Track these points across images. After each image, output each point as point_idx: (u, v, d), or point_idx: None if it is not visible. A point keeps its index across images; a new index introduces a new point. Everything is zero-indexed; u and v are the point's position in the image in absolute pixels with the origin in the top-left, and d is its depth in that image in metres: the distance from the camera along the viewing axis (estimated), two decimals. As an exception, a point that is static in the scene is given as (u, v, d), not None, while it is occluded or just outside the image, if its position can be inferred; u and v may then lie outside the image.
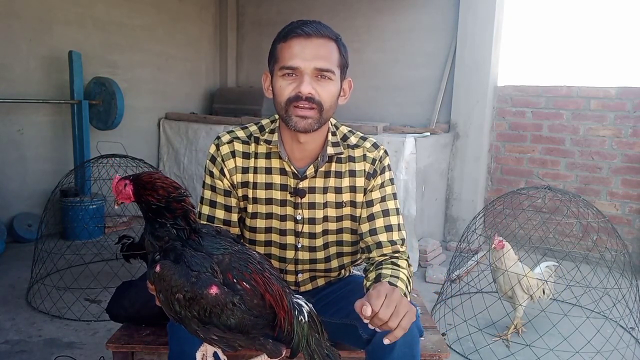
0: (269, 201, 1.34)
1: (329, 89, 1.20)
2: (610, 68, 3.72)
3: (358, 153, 1.34)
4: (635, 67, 3.63)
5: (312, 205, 1.33)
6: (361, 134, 1.39)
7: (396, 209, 1.35)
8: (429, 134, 3.83)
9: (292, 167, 1.30)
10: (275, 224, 1.35)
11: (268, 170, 1.32)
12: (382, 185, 1.34)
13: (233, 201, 1.34)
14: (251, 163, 1.32)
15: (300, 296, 1.09)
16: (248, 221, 1.36)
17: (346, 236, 1.38)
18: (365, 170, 1.33)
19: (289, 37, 1.18)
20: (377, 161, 1.34)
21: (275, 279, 1.04)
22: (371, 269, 1.28)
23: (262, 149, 1.32)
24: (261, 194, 1.33)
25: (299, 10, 4.87)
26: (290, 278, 1.42)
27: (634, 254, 3.51)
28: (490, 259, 2.50)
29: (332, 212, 1.35)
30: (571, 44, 3.88)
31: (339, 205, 1.34)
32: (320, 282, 1.46)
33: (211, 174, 1.34)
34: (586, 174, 3.75)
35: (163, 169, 4.73)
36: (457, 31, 4.04)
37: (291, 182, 1.32)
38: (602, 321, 2.53)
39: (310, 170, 1.31)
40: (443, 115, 4.21)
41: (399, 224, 1.33)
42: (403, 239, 1.33)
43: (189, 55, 5.10)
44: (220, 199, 1.34)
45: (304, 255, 1.38)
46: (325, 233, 1.37)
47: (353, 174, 1.33)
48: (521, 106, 3.93)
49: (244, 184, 1.33)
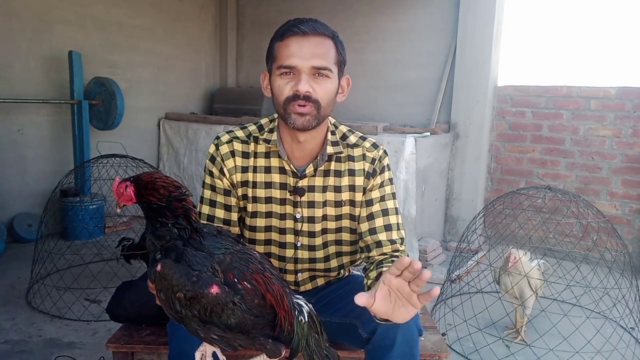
0: (268, 200, 1.34)
1: (326, 87, 1.21)
2: (610, 68, 3.72)
3: (357, 152, 1.34)
4: (635, 67, 3.63)
5: (312, 204, 1.33)
6: (360, 134, 1.39)
7: (395, 209, 1.35)
8: (429, 134, 3.83)
9: (292, 166, 1.31)
10: (274, 222, 1.35)
11: (267, 169, 1.33)
12: (382, 185, 1.34)
13: (233, 200, 1.34)
14: (250, 162, 1.33)
15: (300, 296, 1.09)
16: (248, 220, 1.36)
17: (345, 235, 1.38)
18: (364, 169, 1.34)
19: (286, 36, 1.19)
20: (377, 161, 1.34)
21: (275, 278, 1.04)
22: (371, 268, 1.27)
23: (262, 148, 1.33)
24: (261, 193, 1.34)
25: (299, 10, 4.87)
26: (289, 277, 1.42)
27: (634, 254, 3.51)
28: (502, 266, 2.46)
29: (332, 211, 1.35)
30: (571, 44, 3.88)
31: (338, 204, 1.34)
32: (320, 282, 1.46)
33: (211, 174, 1.34)
34: (586, 174, 3.75)
35: (163, 169, 4.73)
36: (457, 31, 4.04)
37: (290, 181, 1.32)
38: (602, 321, 2.53)
39: (310, 169, 1.31)
40: (443, 115, 4.21)
41: (398, 223, 1.34)
42: (402, 238, 1.33)
43: (189, 55, 5.10)
44: (220, 199, 1.34)
45: (303, 254, 1.38)
46: (324, 232, 1.37)
47: (352, 173, 1.34)
48: (521, 106, 3.93)
49: (244, 183, 1.33)
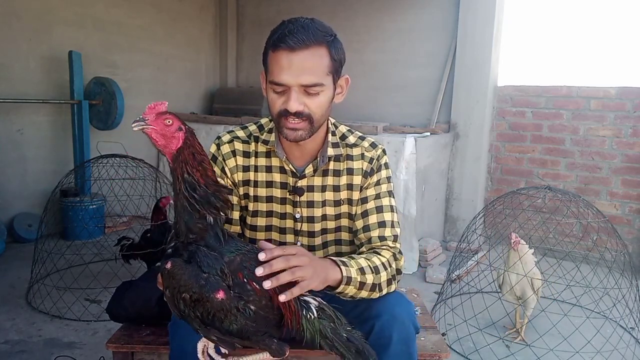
0: (269, 199, 1.35)
1: (318, 101, 1.19)
2: (610, 68, 3.72)
3: (356, 152, 1.35)
4: (635, 67, 3.63)
5: (311, 204, 1.34)
6: (360, 134, 1.39)
7: (391, 206, 1.34)
8: (429, 134, 3.83)
9: (291, 166, 1.31)
10: (275, 222, 1.36)
11: (268, 169, 1.34)
12: (378, 183, 1.34)
13: (234, 199, 1.34)
14: (252, 161, 1.33)
15: (307, 293, 1.07)
16: (249, 219, 1.37)
17: (344, 235, 1.38)
18: (362, 168, 1.34)
19: (277, 49, 1.16)
20: (375, 160, 1.34)
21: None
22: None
23: (262, 147, 1.34)
24: (262, 192, 1.34)
25: (298, 10, 4.87)
26: None
27: (634, 254, 3.51)
28: (505, 261, 2.46)
29: (331, 211, 1.35)
30: (571, 44, 3.88)
31: (337, 203, 1.35)
32: None
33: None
34: (586, 174, 3.75)
35: (163, 169, 4.72)
36: (457, 31, 4.04)
37: (290, 181, 1.33)
38: (602, 321, 2.53)
39: (309, 169, 1.32)
40: (443, 115, 4.21)
41: (392, 221, 1.32)
42: (395, 236, 1.32)
43: (189, 55, 5.10)
44: None
45: None
46: (324, 232, 1.37)
47: (351, 172, 1.34)
48: (521, 106, 3.93)
49: (245, 182, 1.34)
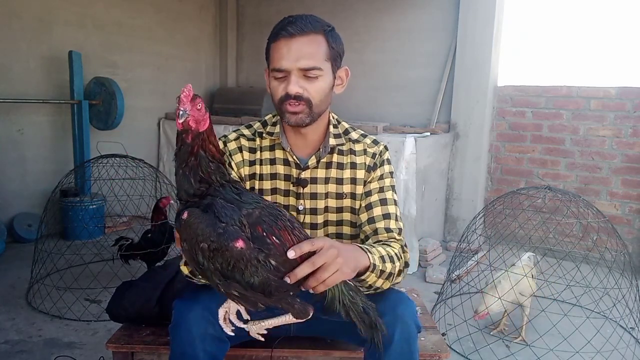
0: (273, 191, 1.37)
1: (317, 85, 1.24)
2: (610, 68, 3.72)
3: (359, 147, 1.38)
4: (635, 67, 3.63)
5: (314, 196, 1.36)
6: (362, 132, 1.43)
7: (394, 200, 1.37)
8: (429, 134, 3.83)
9: (295, 157, 1.34)
10: None
11: (272, 161, 1.36)
12: (381, 177, 1.37)
13: None
14: (257, 156, 1.37)
15: None
16: None
17: (346, 229, 1.40)
18: (366, 163, 1.37)
19: (277, 38, 1.24)
20: (377, 155, 1.38)
21: (305, 237, 1.03)
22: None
23: (266, 142, 1.37)
24: (267, 185, 1.37)
25: (298, 11, 4.82)
26: None
27: (634, 254, 3.51)
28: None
29: (333, 203, 1.37)
30: (571, 44, 3.88)
31: (340, 196, 1.37)
32: None
33: None
34: (586, 174, 3.75)
35: (163, 169, 4.73)
36: (457, 31, 4.04)
37: (294, 172, 1.35)
38: (602, 321, 2.53)
39: (312, 160, 1.34)
40: (443, 115, 4.21)
41: (396, 214, 1.35)
42: (400, 229, 1.35)
43: (189, 55, 5.10)
44: None
45: None
46: (326, 224, 1.39)
47: (354, 166, 1.37)
48: (521, 106, 3.93)
49: (252, 176, 1.37)
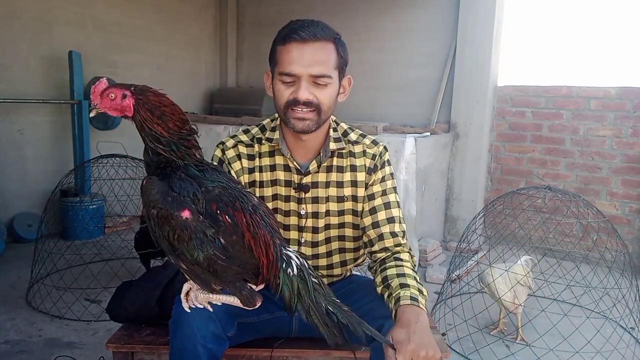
0: (274, 197, 1.36)
1: (326, 92, 1.23)
2: (610, 68, 3.72)
3: (358, 149, 1.37)
4: (635, 67, 3.63)
5: (315, 200, 1.35)
6: (360, 132, 1.42)
7: (397, 202, 1.37)
8: (429, 134, 3.83)
9: (295, 163, 1.33)
10: (279, 219, 1.37)
11: (272, 168, 1.35)
12: (383, 180, 1.37)
13: None
14: (256, 163, 1.35)
15: (295, 250, 1.05)
16: None
17: (348, 231, 1.40)
18: (365, 165, 1.36)
19: (287, 41, 1.20)
20: (377, 156, 1.37)
21: (266, 226, 1.00)
22: (375, 268, 1.30)
23: (265, 147, 1.35)
24: (267, 192, 1.36)
25: (298, 11, 4.87)
26: None
27: (634, 254, 3.51)
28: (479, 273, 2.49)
29: (334, 207, 1.37)
30: (571, 44, 3.88)
31: (341, 199, 1.36)
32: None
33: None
34: (586, 174, 3.75)
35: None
36: (457, 31, 4.04)
37: (295, 178, 1.34)
38: (602, 321, 2.53)
39: (313, 165, 1.33)
40: (443, 115, 4.21)
41: (400, 217, 1.36)
42: (404, 231, 1.35)
43: (188, 55, 5.10)
44: None
45: (306, 251, 1.40)
46: (327, 227, 1.38)
47: (354, 168, 1.36)
48: (521, 106, 3.93)
49: (251, 184, 1.36)
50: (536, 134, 3.90)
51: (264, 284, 1.02)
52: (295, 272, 1.00)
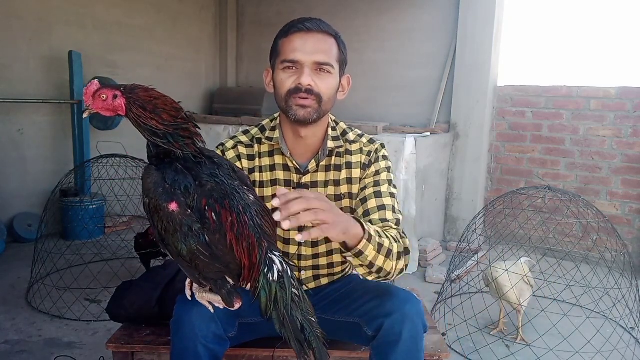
0: (274, 197, 1.35)
1: (328, 82, 1.24)
2: (610, 68, 3.72)
3: (355, 147, 1.38)
4: (635, 67, 3.63)
5: None
6: (359, 132, 1.42)
7: (390, 193, 1.33)
8: (429, 134, 3.83)
9: (295, 163, 1.33)
10: None
11: (272, 168, 1.36)
12: (377, 173, 1.36)
13: None
14: (256, 163, 1.36)
15: (281, 255, 1.01)
16: None
17: None
18: (361, 161, 1.37)
19: (290, 33, 1.23)
20: (373, 152, 1.37)
21: (254, 227, 0.98)
22: None
23: (265, 147, 1.36)
24: (268, 192, 1.36)
25: (298, 11, 4.87)
26: None
27: (634, 254, 3.51)
28: (484, 269, 2.49)
29: None
30: (571, 44, 3.88)
31: (338, 197, 1.37)
32: (324, 281, 1.46)
33: None
34: (586, 174, 3.75)
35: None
36: (457, 31, 4.04)
37: (294, 178, 1.35)
38: (602, 321, 2.53)
39: (312, 164, 1.34)
40: (443, 115, 4.21)
41: (393, 206, 1.31)
42: (398, 220, 1.30)
43: (188, 55, 5.10)
44: None
45: (307, 251, 1.40)
46: None
47: (349, 165, 1.36)
48: (521, 106, 3.93)
49: (252, 184, 1.35)
50: (536, 134, 3.90)
51: (246, 285, 1.01)
52: (275, 278, 0.97)
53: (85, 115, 1.03)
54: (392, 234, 1.23)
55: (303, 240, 0.98)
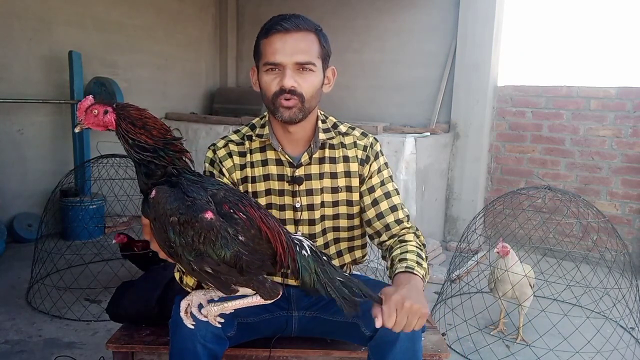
0: (267, 192, 1.37)
1: (310, 81, 1.26)
2: (610, 68, 3.72)
3: (349, 140, 1.39)
4: (635, 67, 3.63)
5: (310, 192, 1.37)
6: (349, 124, 1.44)
7: (395, 190, 1.40)
8: (429, 134, 3.83)
9: (287, 156, 1.35)
10: (274, 214, 1.37)
11: (264, 163, 1.37)
12: (379, 170, 1.39)
13: None
14: (247, 159, 1.37)
15: (301, 233, 1.09)
16: None
17: (342, 222, 1.41)
18: (357, 156, 1.38)
19: (270, 33, 1.25)
20: (369, 147, 1.39)
21: (271, 217, 1.04)
22: (387, 256, 1.32)
23: (256, 144, 1.38)
24: (260, 187, 1.37)
25: (299, 11, 4.81)
26: None
27: (634, 254, 3.51)
28: (491, 261, 2.50)
29: (328, 198, 1.38)
30: (571, 44, 3.88)
31: (335, 190, 1.38)
32: None
33: (212, 175, 1.37)
34: (586, 174, 3.75)
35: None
36: (457, 31, 4.04)
37: (288, 171, 1.36)
38: (602, 321, 2.53)
39: (305, 157, 1.35)
40: (443, 115, 4.21)
41: (400, 203, 1.39)
42: (407, 215, 1.39)
43: (188, 55, 5.10)
44: None
45: None
46: (322, 219, 1.39)
47: (347, 159, 1.38)
48: (521, 106, 3.93)
49: (244, 180, 1.37)
50: (536, 134, 3.90)
51: (286, 269, 1.05)
52: (309, 253, 1.04)
53: (77, 130, 1.05)
54: (414, 243, 1.29)
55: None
